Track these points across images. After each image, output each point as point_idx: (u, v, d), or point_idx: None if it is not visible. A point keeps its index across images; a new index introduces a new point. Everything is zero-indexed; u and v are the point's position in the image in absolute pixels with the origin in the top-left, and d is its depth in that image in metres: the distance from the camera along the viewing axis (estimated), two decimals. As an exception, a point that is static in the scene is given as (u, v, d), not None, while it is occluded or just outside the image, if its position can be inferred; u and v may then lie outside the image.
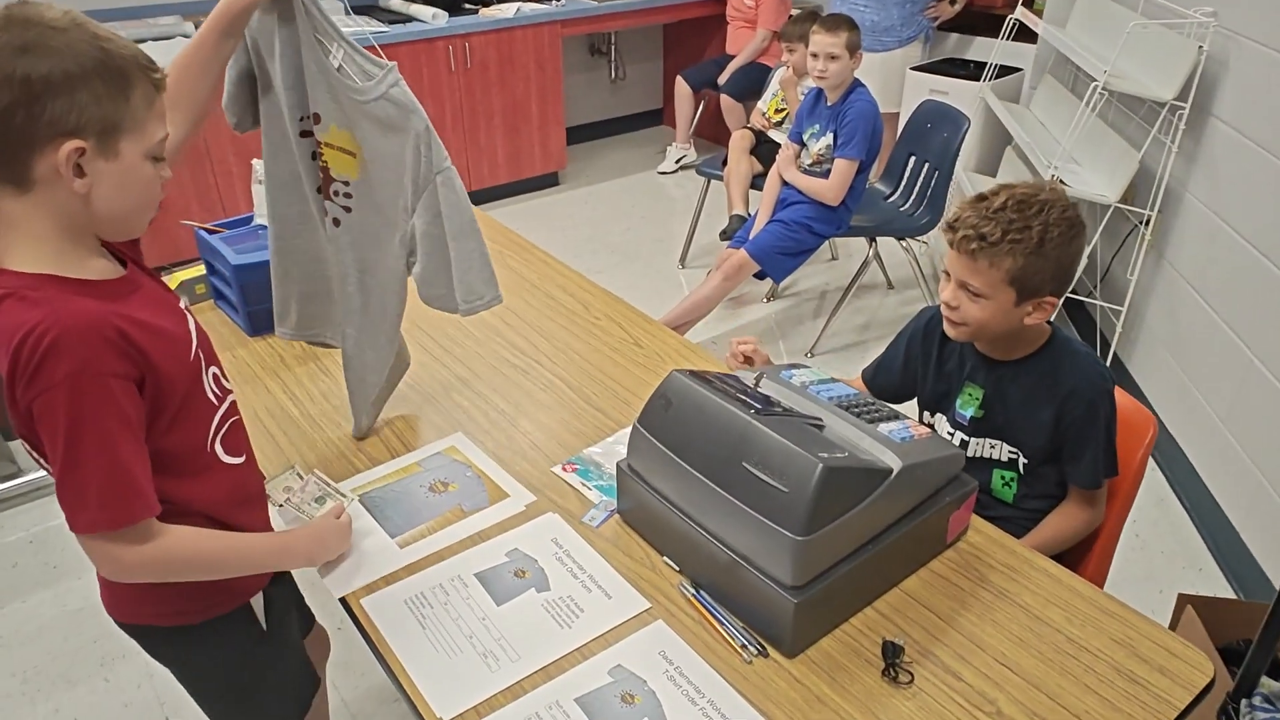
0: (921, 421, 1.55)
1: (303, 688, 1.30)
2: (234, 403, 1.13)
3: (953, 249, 1.36)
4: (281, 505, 1.25)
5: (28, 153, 0.85)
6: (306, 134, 1.28)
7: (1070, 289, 2.89)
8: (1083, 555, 1.50)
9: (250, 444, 1.18)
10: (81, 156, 0.87)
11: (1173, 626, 1.78)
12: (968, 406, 1.49)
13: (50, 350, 0.85)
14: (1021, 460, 1.47)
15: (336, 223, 1.32)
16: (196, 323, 1.07)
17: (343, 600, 1.16)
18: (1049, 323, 1.43)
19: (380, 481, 1.35)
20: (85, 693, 1.95)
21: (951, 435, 1.51)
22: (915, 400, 1.61)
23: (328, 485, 1.28)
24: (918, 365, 1.58)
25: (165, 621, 1.12)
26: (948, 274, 1.39)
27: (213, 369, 1.08)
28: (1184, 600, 1.76)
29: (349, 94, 1.20)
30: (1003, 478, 1.50)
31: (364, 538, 1.24)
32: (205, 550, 1.03)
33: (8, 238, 0.90)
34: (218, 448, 1.08)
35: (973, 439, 1.49)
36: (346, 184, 1.27)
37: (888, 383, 1.63)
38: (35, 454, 0.97)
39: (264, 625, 1.19)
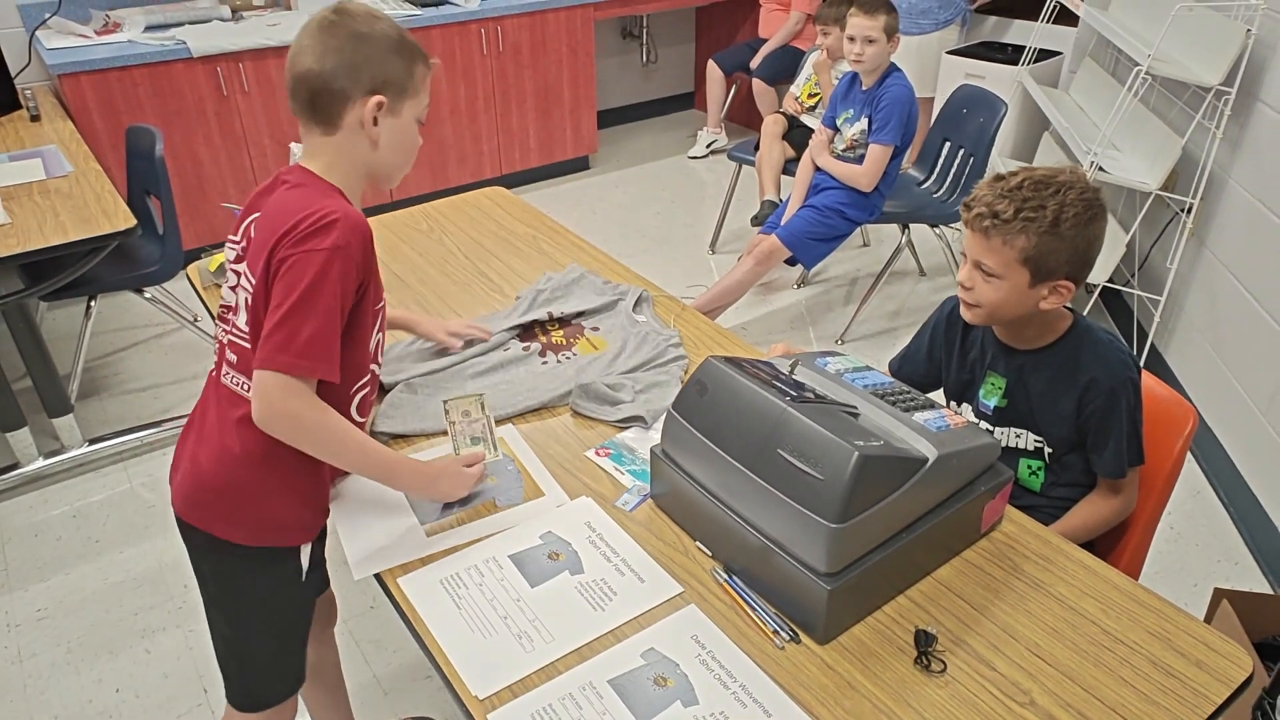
0: (950, 411, 1.54)
1: (289, 662, 1.33)
2: (375, 374, 1.28)
3: (968, 228, 1.35)
4: (453, 422, 1.31)
5: (343, 105, 1.13)
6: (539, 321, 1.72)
7: (1094, 276, 2.86)
8: (1117, 547, 1.49)
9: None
10: (380, 110, 1.14)
11: (1207, 620, 1.77)
12: (991, 396, 1.48)
13: (330, 225, 1.08)
14: (1047, 449, 1.46)
15: (545, 362, 1.60)
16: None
17: (378, 577, 1.18)
18: (1071, 310, 1.42)
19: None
20: (127, 663, 2.01)
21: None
22: (941, 391, 1.60)
23: (490, 432, 1.32)
24: (941, 355, 1.57)
25: (222, 533, 1.21)
26: (965, 255, 1.38)
27: (380, 334, 1.26)
28: (1220, 594, 1.74)
29: (636, 332, 1.67)
30: (1029, 467, 1.49)
31: (393, 520, 1.26)
32: (336, 428, 1.13)
33: (310, 162, 1.17)
34: (355, 403, 1.23)
35: (997, 428, 1.48)
36: (575, 354, 1.62)
37: (914, 373, 1.62)
38: (245, 309, 1.15)
39: (304, 574, 1.27)
